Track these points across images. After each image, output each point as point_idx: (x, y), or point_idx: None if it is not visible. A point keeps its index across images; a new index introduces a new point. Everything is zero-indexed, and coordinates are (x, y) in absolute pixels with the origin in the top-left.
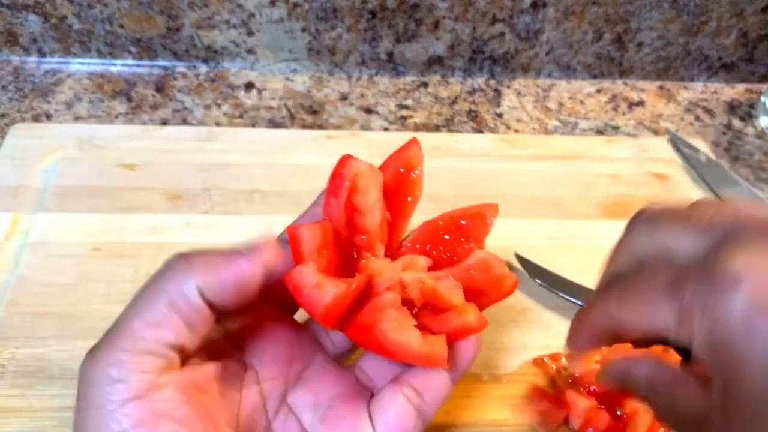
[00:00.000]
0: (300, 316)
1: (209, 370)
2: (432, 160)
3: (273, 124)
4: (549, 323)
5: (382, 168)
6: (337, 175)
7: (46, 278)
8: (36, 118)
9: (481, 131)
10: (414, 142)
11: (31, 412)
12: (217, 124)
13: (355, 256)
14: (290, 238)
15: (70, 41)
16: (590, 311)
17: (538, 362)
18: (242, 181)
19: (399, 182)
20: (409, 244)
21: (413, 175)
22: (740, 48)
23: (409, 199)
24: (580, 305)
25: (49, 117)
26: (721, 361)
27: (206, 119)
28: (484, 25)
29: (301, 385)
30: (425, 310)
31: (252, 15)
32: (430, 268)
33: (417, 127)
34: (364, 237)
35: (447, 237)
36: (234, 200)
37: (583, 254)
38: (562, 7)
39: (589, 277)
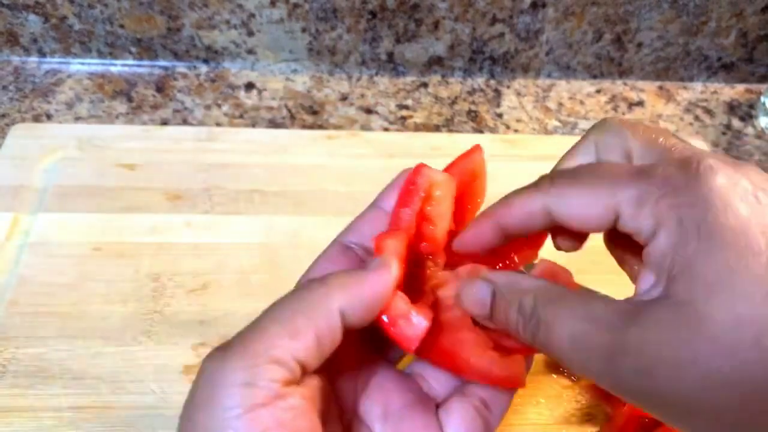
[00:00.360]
0: None
1: (314, 384)
2: (432, 160)
3: (273, 124)
4: None
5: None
6: (411, 184)
7: (46, 278)
8: (36, 118)
9: (481, 131)
10: (478, 148)
11: (31, 412)
12: (218, 124)
13: (415, 265)
14: (376, 248)
15: (71, 41)
16: (529, 192)
17: (551, 363)
18: (242, 181)
19: (463, 190)
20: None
21: (477, 182)
22: (740, 48)
23: (469, 207)
24: None
25: (49, 117)
26: (685, 239)
27: (206, 119)
28: (484, 25)
29: (369, 394)
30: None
31: (252, 15)
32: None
33: (417, 127)
34: (426, 245)
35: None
36: (234, 200)
37: (584, 254)
38: (562, 7)
39: (589, 278)
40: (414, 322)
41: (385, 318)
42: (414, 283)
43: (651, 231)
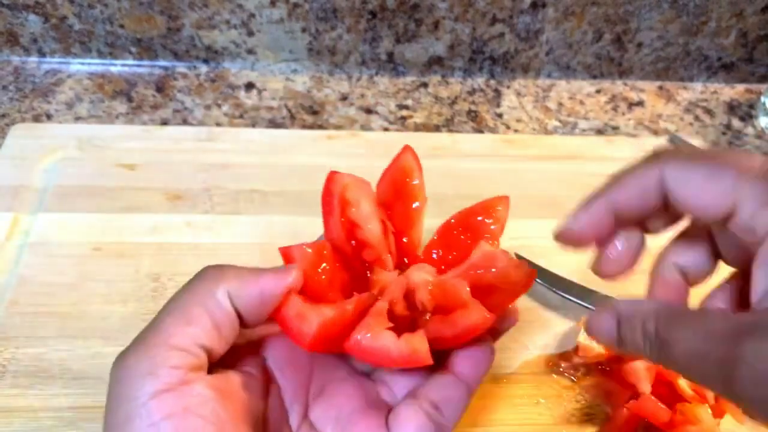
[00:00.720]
0: None
1: (235, 379)
2: (432, 160)
3: (273, 124)
4: (549, 323)
5: (381, 179)
6: (327, 193)
7: (46, 278)
8: (36, 118)
9: (481, 131)
10: (407, 149)
11: (31, 412)
12: (218, 124)
13: (369, 273)
14: (283, 258)
15: (71, 41)
16: (644, 166)
17: (551, 363)
18: (242, 181)
19: (398, 191)
20: (422, 254)
21: (412, 182)
22: (740, 48)
23: (413, 206)
24: (581, 305)
25: (49, 117)
26: None
27: (206, 119)
28: (484, 25)
29: (323, 398)
30: (438, 315)
31: (252, 15)
32: (445, 271)
33: (417, 127)
34: (369, 251)
35: (462, 237)
36: (234, 200)
37: (584, 254)
38: (561, 7)
39: (589, 277)
40: (307, 319)
41: (279, 321)
42: (363, 287)
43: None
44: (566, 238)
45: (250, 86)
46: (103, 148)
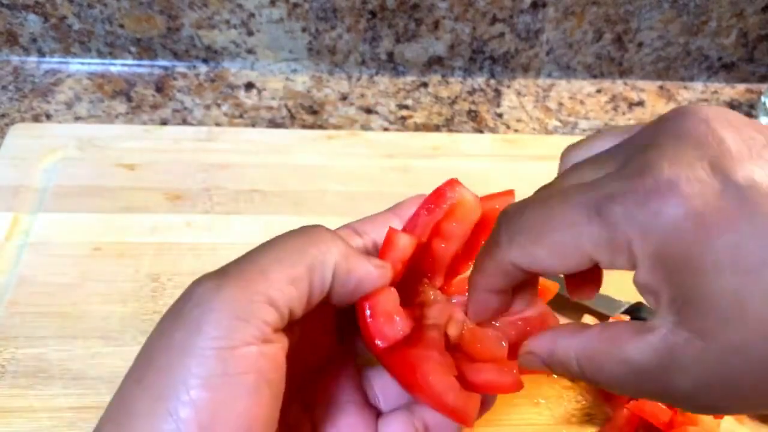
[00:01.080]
0: None
1: (287, 346)
2: (432, 160)
3: (273, 124)
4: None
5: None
6: (440, 194)
7: (46, 278)
8: (36, 118)
9: (481, 131)
10: (511, 193)
11: (31, 412)
12: (217, 124)
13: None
14: (387, 239)
15: (70, 41)
16: (495, 254)
17: None
18: (242, 181)
19: (485, 224)
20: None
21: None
22: (740, 48)
23: (483, 241)
24: (582, 304)
25: (49, 117)
26: (674, 276)
27: (206, 119)
28: (484, 25)
29: (318, 382)
30: (461, 353)
31: (252, 15)
32: (457, 267)
33: (417, 127)
34: (430, 261)
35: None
36: (234, 200)
37: None
38: (562, 7)
39: None
40: (396, 323)
41: (368, 309)
42: (403, 294)
43: (634, 268)
44: (475, 321)
45: (249, 86)
46: (103, 148)
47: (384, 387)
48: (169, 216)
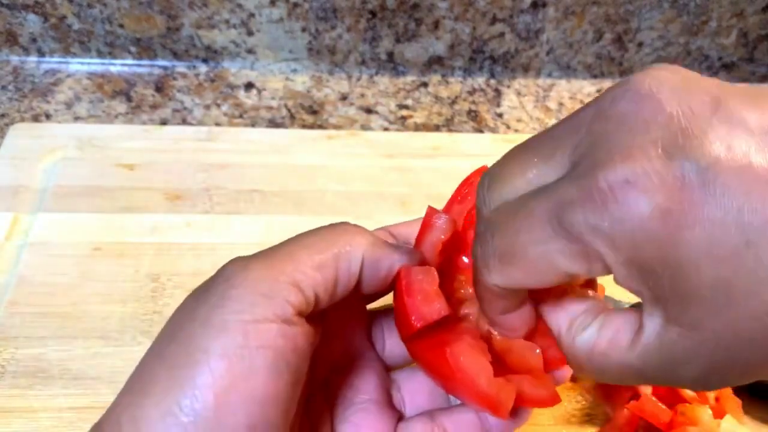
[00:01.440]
0: None
1: (313, 333)
2: (432, 160)
3: (273, 124)
4: None
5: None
6: (471, 183)
7: (46, 278)
8: (36, 118)
9: (481, 131)
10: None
11: (30, 412)
12: (217, 124)
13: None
14: (426, 217)
15: (70, 41)
16: (480, 281)
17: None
18: (242, 181)
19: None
20: None
21: None
22: (740, 48)
23: None
24: None
25: (48, 117)
26: (652, 278)
27: (206, 119)
28: (484, 25)
29: (343, 374)
30: (494, 363)
31: (252, 15)
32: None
33: (417, 127)
34: (465, 259)
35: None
36: (234, 200)
37: None
38: (562, 6)
39: None
40: (434, 303)
41: (405, 285)
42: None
43: (612, 273)
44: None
45: (249, 86)
46: (103, 148)
47: (412, 391)
48: (169, 216)
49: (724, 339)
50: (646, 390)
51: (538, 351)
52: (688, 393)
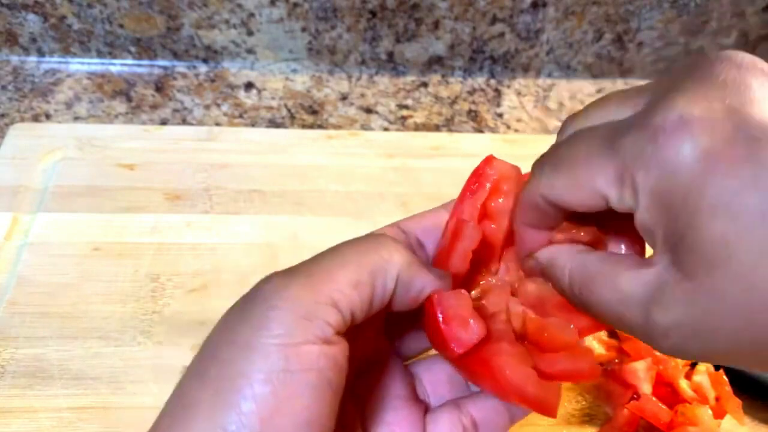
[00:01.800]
0: None
1: (347, 349)
2: (432, 160)
3: (273, 124)
4: None
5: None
6: (480, 174)
7: (46, 278)
8: (36, 118)
9: (481, 131)
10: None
11: (30, 412)
12: (217, 124)
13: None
14: (455, 230)
15: (70, 41)
16: (528, 186)
17: None
18: (242, 181)
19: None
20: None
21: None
22: (740, 48)
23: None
24: None
25: (48, 117)
26: (671, 212)
27: (206, 119)
28: (484, 25)
29: (366, 376)
30: (531, 345)
31: (252, 15)
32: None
33: (417, 127)
34: (487, 250)
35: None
36: (234, 200)
37: None
38: (562, 6)
39: None
40: (471, 327)
41: (440, 314)
42: (464, 286)
43: (636, 206)
44: (525, 266)
45: (249, 86)
46: (103, 148)
47: (434, 382)
48: (169, 216)
49: (708, 298)
50: (646, 390)
51: (572, 326)
52: (689, 393)
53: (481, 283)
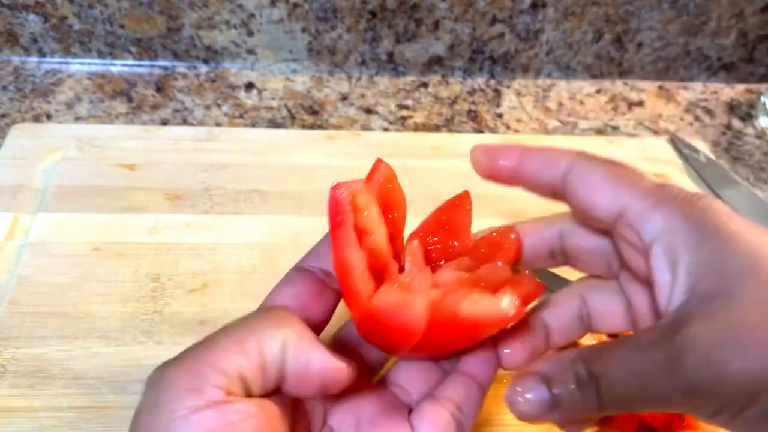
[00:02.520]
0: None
1: (271, 400)
2: (432, 160)
3: (273, 124)
4: None
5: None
6: (335, 203)
7: (46, 278)
8: (36, 119)
9: (481, 131)
10: (380, 161)
11: (31, 412)
12: (217, 125)
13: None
14: (338, 262)
15: (71, 41)
16: (560, 152)
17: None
18: (242, 181)
19: (384, 199)
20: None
21: (392, 187)
22: (740, 48)
23: (395, 214)
24: None
25: (49, 117)
26: (701, 240)
27: (206, 119)
28: (484, 25)
29: (341, 404)
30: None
31: (252, 15)
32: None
33: (417, 127)
34: (376, 259)
35: (437, 239)
36: (234, 200)
37: None
38: (562, 7)
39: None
40: (412, 304)
41: (386, 311)
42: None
43: (660, 230)
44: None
45: (250, 86)
46: (103, 148)
47: (407, 378)
48: (169, 216)
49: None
50: None
51: (500, 263)
52: None
53: (400, 282)
